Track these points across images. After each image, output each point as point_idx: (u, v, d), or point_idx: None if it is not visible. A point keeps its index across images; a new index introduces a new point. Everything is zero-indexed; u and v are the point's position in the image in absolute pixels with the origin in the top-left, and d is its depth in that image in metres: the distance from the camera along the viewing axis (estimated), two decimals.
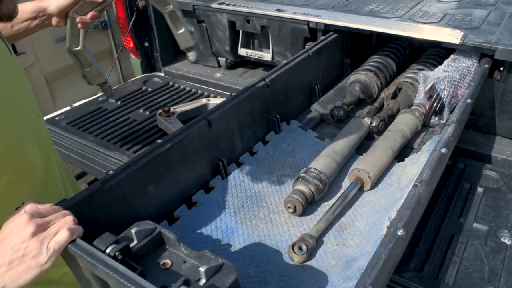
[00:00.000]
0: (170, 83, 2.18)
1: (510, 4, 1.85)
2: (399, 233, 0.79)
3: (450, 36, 1.53)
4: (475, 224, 1.17)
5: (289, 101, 1.52)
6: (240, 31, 2.05)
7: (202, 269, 0.65)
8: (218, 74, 2.22)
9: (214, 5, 2.00)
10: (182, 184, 1.13)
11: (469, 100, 1.23)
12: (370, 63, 1.74)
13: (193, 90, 2.11)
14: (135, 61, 2.38)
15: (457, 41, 1.49)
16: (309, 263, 0.99)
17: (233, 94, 1.30)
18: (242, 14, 1.94)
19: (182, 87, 2.15)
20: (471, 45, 1.48)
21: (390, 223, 0.93)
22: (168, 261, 0.75)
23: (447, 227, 1.16)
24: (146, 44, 2.32)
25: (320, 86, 1.68)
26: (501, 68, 1.50)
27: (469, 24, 1.63)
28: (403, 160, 1.29)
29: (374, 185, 1.20)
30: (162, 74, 2.34)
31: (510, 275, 1.01)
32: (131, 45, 2.30)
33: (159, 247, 0.77)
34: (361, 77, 1.64)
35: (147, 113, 1.89)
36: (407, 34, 1.58)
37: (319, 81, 1.70)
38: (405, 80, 1.57)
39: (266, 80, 1.37)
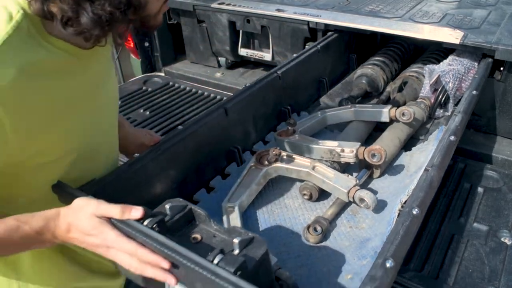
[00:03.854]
0: (170, 83, 2.16)
1: (510, 4, 1.85)
2: (414, 212, 0.84)
3: (450, 36, 1.52)
4: (475, 224, 1.17)
5: (299, 93, 1.56)
6: (240, 31, 2.04)
7: (236, 241, 0.69)
8: (218, 74, 2.21)
9: (214, 5, 1.99)
10: (200, 170, 1.17)
11: (474, 92, 1.26)
12: (376, 58, 1.76)
13: (193, 90, 2.10)
14: (135, 61, 2.36)
15: (457, 41, 1.48)
16: (323, 244, 1.03)
17: (246, 84, 1.34)
18: (242, 14, 1.94)
19: (182, 87, 2.13)
20: (471, 45, 1.47)
21: (402, 206, 0.98)
22: (199, 236, 0.79)
23: (447, 227, 1.16)
24: (146, 44, 2.30)
25: (328, 80, 1.73)
26: (501, 68, 1.49)
27: (469, 24, 1.62)
28: (410, 150, 1.34)
29: (383, 173, 1.25)
30: (162, 74, 2.32)
31: (510, 275, 1.01)
32: (131, 45, 2.28)
33: (190, 223, 0.81)
34: (368, 71, 1.68)
35: (147, 113, 1.88)
36: (407, 34, 1.58)
37: (327, 75, 1.74)
38: (411, 74, 1.61)
39: (278, 72, 1.41)
